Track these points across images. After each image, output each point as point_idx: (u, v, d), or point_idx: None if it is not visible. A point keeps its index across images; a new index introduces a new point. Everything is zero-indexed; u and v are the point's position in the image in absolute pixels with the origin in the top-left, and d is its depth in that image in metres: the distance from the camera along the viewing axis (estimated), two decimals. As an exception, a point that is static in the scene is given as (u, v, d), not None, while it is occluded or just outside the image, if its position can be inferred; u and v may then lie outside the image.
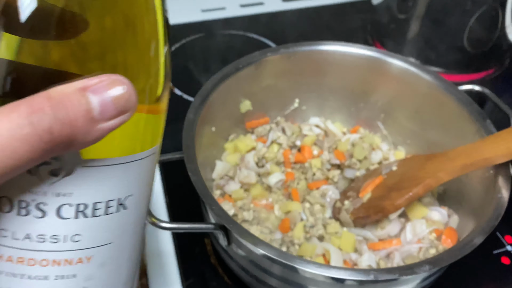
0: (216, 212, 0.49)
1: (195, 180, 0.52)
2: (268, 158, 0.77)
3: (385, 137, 0.79)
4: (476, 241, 0.48)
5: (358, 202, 0.66)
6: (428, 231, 0.62)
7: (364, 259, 0.61)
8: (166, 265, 0.66)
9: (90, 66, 0.23)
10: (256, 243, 0.47)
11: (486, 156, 0.55)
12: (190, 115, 0.61)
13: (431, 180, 0.59)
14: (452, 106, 0.67)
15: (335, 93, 0.80)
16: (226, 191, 0.72)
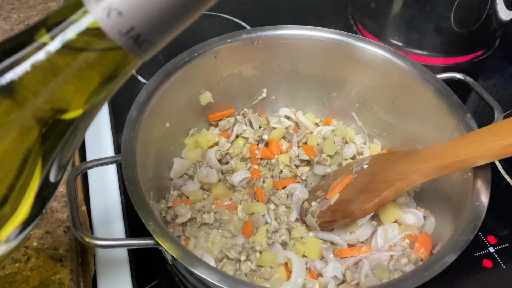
0: (152, 229, 0.43)
1: (131, 190, 0.46)
2: (232, 154, 0.71)
3: (360, 129, 0.73)
4: (448, 259, 0.42)
5: (325, 204, 0.61)
6: (401, 237, 0.57)
7: (329, 269, 0.55)
8: (118, 273, 0.60)
9: None
10: (195, 265, 0.41)
11: (464, 158, 0.49)
12: (132, 113, 0.54)
13: (402, 182, 0.53)
14: (429, 97, 0.60)
15: (306, 82, 0.73)
16: (184, 192, 0.66)
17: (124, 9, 0.23)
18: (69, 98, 0.25)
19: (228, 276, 0.41)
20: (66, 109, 0.25)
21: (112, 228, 0.65)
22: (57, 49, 0.24)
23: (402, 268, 0.53)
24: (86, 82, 0.25)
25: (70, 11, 0.24)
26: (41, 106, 0.24)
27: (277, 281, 0.54)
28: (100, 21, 0.23)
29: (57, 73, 0.24)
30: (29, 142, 0.25)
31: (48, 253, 0.56)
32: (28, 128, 0.24)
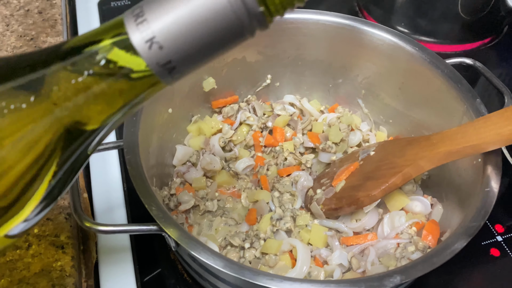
0: (155, 214, 0.42)
1: (134, 175, 0.45)
2: (236, 141, 0.70)
3: (366, 116, 0.72)
4: (458, 245, 0.41)
5: (330, 191, 0.60)
6: (408, 224, 0.56)
7: (335, 256, 0.54)
8: (120, 260, 0.60)
9: None
10: (199, 251, 0.40)
11: (474, 143, 0.47)
12: (135, 97, 0.53)
13: (410, 168, 0.52)
14: (438, 82, 0.59)
15: (311, 68, 0.71)
16: (187, 180, 0.65)
17: (165, 45, 0.25)
18: (92, 115, 0.27)
19: (233, 262, 0.40)
20: (86, 122, 0.27)
21: (114, 215, 0.64)
22: (92, 69, 0.26)
23: (409, 256, 0.52)
24: (112, 103, 0.27)
25: (110, 34, 0.26)
26: (63, 115, 0.26)
27: (282, 268, 0.54)
28: (141, 51, 0.25)
29: (86, 91, 0.26)
30: (48, 140, 0.26)
31: (49, 240, 0.55)
32: (49, 128, 0.26)
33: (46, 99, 0.26)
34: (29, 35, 0.80)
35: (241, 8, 0.24)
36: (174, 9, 0.24)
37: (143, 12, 0.25)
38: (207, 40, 0.25)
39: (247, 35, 0.26)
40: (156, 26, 0.25)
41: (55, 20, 0.83)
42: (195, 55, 0.25)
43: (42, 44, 0.79)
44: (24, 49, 0.77)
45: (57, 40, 0.80)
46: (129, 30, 0.25)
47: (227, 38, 0.25)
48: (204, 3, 0.24)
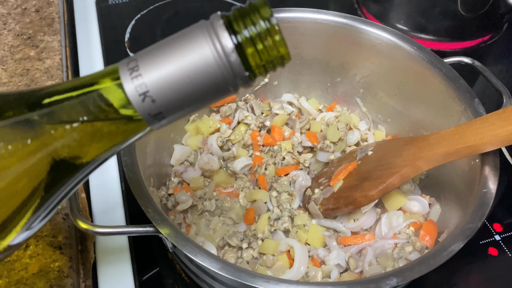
0: (152, 216, 0.42)
1: (130, 176, 0.45)
2: (234, 141, 0.69)
3: (364, 115, 0.71)
4: (455, 247, 0.41)
5: (328, 191, 0.59)
6: (406, 224, 0.56)
7: (332, 257, 0.54)
8: (119, 260, 0.60)
9: None
10: (195, 253, 0.40)
11: (471, 144, 0.47)
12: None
13: (408, 169, 0.52)
14: (436, 82, 0.58)
15: (309, 67, 0.71)
16: (185, 179, 0.64)
17: (158, 98, 0.27)
18: (79, 151, 0.29)
19: (229, 264, 0.40)
20: (74, 157, 0.29)
21: (112, 216, 0.64)
22: (84, 116, 0.27)
23: (407, 256, 0.52)
24: (102, 143, 0.29)
25: (105, 84, 0.28)
26: (53, 153, 0.28)
27: (279, 269, 0.54)
28: (135, 103, 0.27)
29: (77, 135, 0.28)
30: (37, 176, 0.28)
31: (47, 241, 0.55)
32: (37, 166, 0.28)
33: (36, 139, 0.27)
34: (26, 33, 0.80)
35: (229, 71, 0.27)
36: (167, 66, 0.26)
37: (138, 67, 0.27)
38: (195, 95, 0.27)
39: (232, 91, 0.28)
40: (150, 81, 0.26)
41: (53, 19, 0.83)
42: (184, 107, 0.28)
43: (39, 43, 0.78)
44: (21, 48, 0.77)
45: (54, 38, 0.79)
46: (124, 83, 0.27)
47: (214, 94, 0.28)
48: (195, 64, 0.26)
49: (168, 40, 0.27)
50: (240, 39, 0.26)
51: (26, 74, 0.73)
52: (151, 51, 0.27)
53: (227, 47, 0.26)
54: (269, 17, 0.27)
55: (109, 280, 0.57)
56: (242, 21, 0.27)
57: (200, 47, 0.26)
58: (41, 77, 0.73)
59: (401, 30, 0.88)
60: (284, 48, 0.28)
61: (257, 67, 0.27)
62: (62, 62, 0.77)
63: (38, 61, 0.75)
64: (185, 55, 0.26)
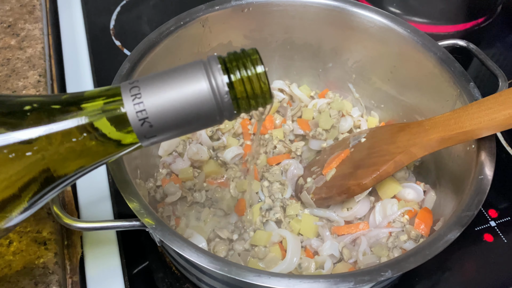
0: (137, 210, 0.40)
1: (114, 168, 0.43)
2: (224, 130, 0.68)
3: (357, 101, 0.70)
4: (451, 236, 0.40)
5: (321, 180, 0.58)
6: (400, 212, 0.54)
7: (326, 247, 0.53)
8: (107, 254, 0.58)
9: None
10: (183, 248, 0.38)
11: (467, 129, 0.46)
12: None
13: (402, 156, 0.51)
14: (430, 66, 0.57)
15: (300, 52, 0.69)
16: (174, 170, 0.63)
17: (155, 125, 0.30)
18: (70, 167, 0.31)
19: (218, 258, 0.38)
20: (60, 173, 0.31)
21: (99, 209, 0.62)
22: (82, 135, 0.30)
23: (402, 245, 0.51)
24: (93, 159, 0.32)
25: (109, 105, 0.30)
26: (47, 164, 0.30)
27: (272, 260, 0.52)
28: (134, 126, 0.30)
29: (72, 149, 0.30)
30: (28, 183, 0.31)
31: (31, 236, 0.53)
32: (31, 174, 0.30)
33: (33, 150, 0.30)
34: (6, 22, 0.77)
35: (220, 110, 0.31)
36: (167, 97, 0.30)
37: (140, 95, 0.30)
38: (187, 123, 0.31)
39: (218, 123, 0.32)
40: (150, 109, 0.30)
41: (33, 6, 0.80)
42: (175, 132, 0.32)
43: (20, 32, 0.75)
44: (1, 36, 0.74)
45: (35, 26, 0.77)
46: (126, 105, 0.29)
47: (203, 123, 0.32)
48: (192, 97, 0.30)
49: (169, 73, 0.31)
50: (233, 78, 0.31)
51: (6, 64, 0.70)
52: (153, 81, 0.30)
53: (222, 88, 0.30)
54: (258, 64, 0.32)
55: (97, 275, 0.56)
56: (235, 64, 0.31)
57: (199, 83, 0.30)
58: (23, 67, 0.70)
59: (394, 13, 0.86)
60: (268, 93, 0.32)
61: (244, 108, 0.32)
62: (45, 51, 0.74)
63: (19, 50, 0.73)
64: (184, 89, 0.30)
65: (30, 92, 0.67)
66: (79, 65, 0.78)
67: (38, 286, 0.49)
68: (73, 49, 0.81)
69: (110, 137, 0.30)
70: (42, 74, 0.70)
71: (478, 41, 0.87)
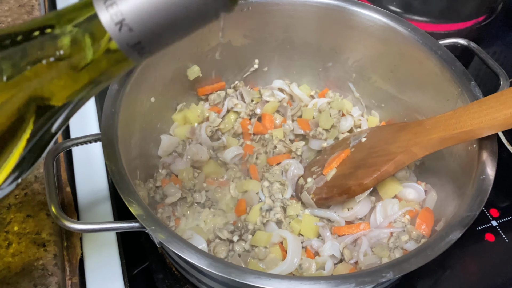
0: (136, 211, 0.40)
1: (113, 169, 0.43)
2: (223, 130, 0.67)
3: (358, 101, 0.69)
4: (453, 236, 0.40)
5: (321, 180, 0.58)
6: (401, 213, 0.54)
7: (326, 247, 0.53)
8: (107, 256, 0.58)
9: None
10: (182, 249, 0.38)
11: (468, 128, 0.45)
12: (113, 87, 0.50)
13: (403, 156, 0.50)
14: (431, 65, 0.56)
15: (300, 51, 0.69)
16: (173, 171, 0.62)
17: (135, 27, 0.26)
18: (59, 91, 0.28)
19: (218, 260, 0.38)
20: (52, 99, 0.28)
21: (99, 210, 0.62)
22: (60, 50, 0.26)
23: (403, 245, 0.51)
24: (79, 80, 0.28)
25: (80, 15, 0.26)
26: (33, 90, 0.27)
27: (272, 261, 0.52)
28: (112, 32, 0.26)
29: (54, 69, 0.27)
30: (18, 113, 0.27)
31: (30, 238, 0.53)
32: (18, 103, 0.27)
33: (17, 74, 0.26)
34: (4, 22, 0.76)
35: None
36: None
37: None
38: (174, 21, 0.26)
39: (213, 16, 0.27)
40: (125, 8, 0.25)
41: (32, 6, 0.79)
42: (162, 35, 0.26)
43: (18, 32, 0.75)
44: (0, 37, 0.74)
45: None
46: (99, 12, 0.26)
47: (193, 19, 0.26)
48: None
49: None
50: None
51: (5, 64, 0.70)
52: None
53: None
54: None
55: (97, 276, 0.55)
56: None
57: None
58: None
59: (394, 11, 0.85)
60: None
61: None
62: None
63: (18, 51, 0.72)
64: None
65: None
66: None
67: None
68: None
69: (92, 51, 0.27)
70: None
71: (479, 39, 0.86)
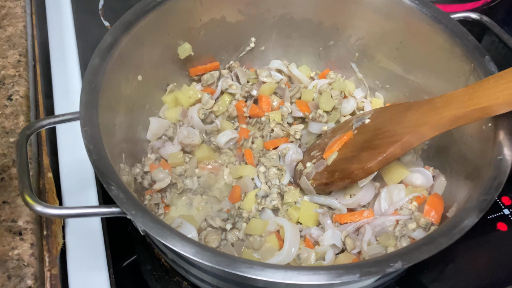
0: (115, 194, 0.36)
1: (91, 149, 0.38)
2: (217, 112, 0.63)
3: (360, 82, 0.65)
4: (468, 222, 0.36)
5: (321, 164, 0.54)
6: (408, 199, 0.50)
7: (327, 236, 0.49)
8: (91, 245, 0.54)
9: None
10: (166, 236, 0.34)
11: (484, 105, 0.41)
12: (94, 61, 0.46)
13: (411, 136, 0.46)
14: (441, 40, 0.52)
15: (299, 29, 0.64)
16: (163, 155, 0.58)
17: None
18: None
19: (205, 248, 0.34)
20: None
21: (84, 196, 0.58)
22: None
23: (410, 234, 0.47)
24: None
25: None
26: None
27: (268, 251, 0.48)
28: None
29: None
30: None
31: (6, 226, 0.49)
32: None
33: None
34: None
35: None
36: None
37: None
38: None
39: None
40: None
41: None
42: None
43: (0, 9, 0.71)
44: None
45: (17, 4, 0.72)
46: None
47: None
48: None
49: None
50: None
51: (-15, 43, 0.66)
52: None
53: None
54: None
55: (80, 267, 0.51)
56: None
57: None
58: (2, 46, 0.66)
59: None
60: None
61: None
62: (27, 30, 0.70)
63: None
64: None
65: (9, 72, 0.63)
66: (64, 47, 0.74)
67: (11, 280, 0.45)
68: (59, 31, 0.77)
69: None
70: (23, 54, 0.65)
71: (491, 18, 0.82)
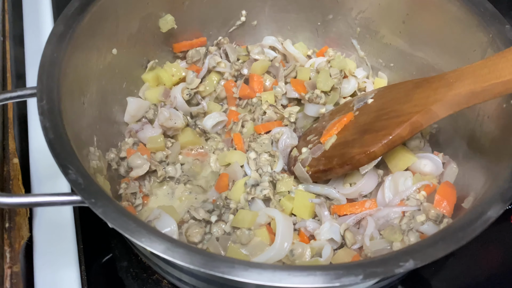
0: (73, 179, 0.30)
1: (47, 127, 0.33)
2: (204, 93, 0.57)
3: (362, 60, 0.60)
4: (492, 213, 0.30)
5: (318, 149, 0.48)
6: (415, 188, 0.45)
7: (324, 230, 0.44)
8: (61, 239, 0.48)
9: None
10: (131, 230, 0.28)
11: (507, 78, 0.36)
12: (57, 28, 0.40)
13: (420, 116, 0.41)
14: (454, 9, 0.47)
15: (295, 1, 0.59)
16: (141, 139, 0.53)
17: None
18: None
19: (179, 244, 0.28)
20: None
21: (55, 183, 0.52)
22: None
23: (419, 227, 0.41)
24: None
25: None
26: None
27: (257, 246, 0.43)
28: None
29: None
30: None
31: (-42, 217, 0.43)
32: None
33: None
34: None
35: None
36: None
37: None
38: None
39: None
40: None
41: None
42: None
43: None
44: None
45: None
46: None
47: None
48: None
49: None
50: None
51: None
52: None
53: None
54: None
55: (48, 264, 0.46)
56: None
57: None
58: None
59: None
60: None
61: None
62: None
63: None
64: None
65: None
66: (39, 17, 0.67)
67: (-39, 278, 0.39)
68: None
69: None
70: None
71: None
